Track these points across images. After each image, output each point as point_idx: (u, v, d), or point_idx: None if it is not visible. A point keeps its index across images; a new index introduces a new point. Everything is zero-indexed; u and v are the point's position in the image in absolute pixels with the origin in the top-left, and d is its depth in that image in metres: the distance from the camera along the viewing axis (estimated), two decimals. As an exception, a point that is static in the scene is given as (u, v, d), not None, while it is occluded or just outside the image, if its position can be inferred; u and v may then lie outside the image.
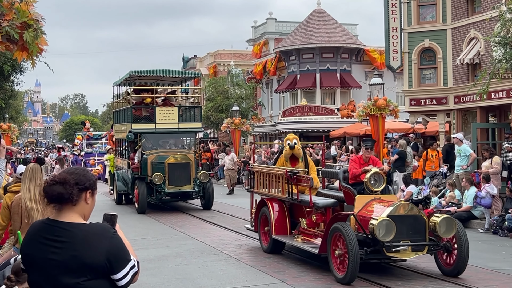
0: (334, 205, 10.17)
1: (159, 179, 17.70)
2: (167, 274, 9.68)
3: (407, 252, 8.88)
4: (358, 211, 9.29)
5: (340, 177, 10.40)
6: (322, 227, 10.05)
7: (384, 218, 8.58)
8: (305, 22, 38.13)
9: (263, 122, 40.59)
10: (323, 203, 10.20)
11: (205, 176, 18.47)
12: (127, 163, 19.95)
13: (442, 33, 20.92)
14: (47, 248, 2.99)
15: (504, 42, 13.66)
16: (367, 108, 19.46)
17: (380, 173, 9.73)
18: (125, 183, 20.17)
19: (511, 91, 18.23)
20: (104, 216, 3.23)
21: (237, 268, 10.11)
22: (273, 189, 11.43)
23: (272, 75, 40.39)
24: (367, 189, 9.61)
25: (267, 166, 11.96)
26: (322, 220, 10.18)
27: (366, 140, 10.87)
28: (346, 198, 10.02)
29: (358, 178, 9.99)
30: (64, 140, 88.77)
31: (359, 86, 35.51)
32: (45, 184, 3.09)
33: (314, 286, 8.78)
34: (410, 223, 8.93)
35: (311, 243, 10.11)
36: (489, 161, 15.35)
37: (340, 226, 8.85)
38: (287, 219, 11.09)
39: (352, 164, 10.25)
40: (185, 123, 19.86)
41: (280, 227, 10.97)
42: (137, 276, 3.17)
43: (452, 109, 20.77)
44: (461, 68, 20.36)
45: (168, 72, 20.39)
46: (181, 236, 13.79)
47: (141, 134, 19.08)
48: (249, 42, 48.41)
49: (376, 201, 9.42)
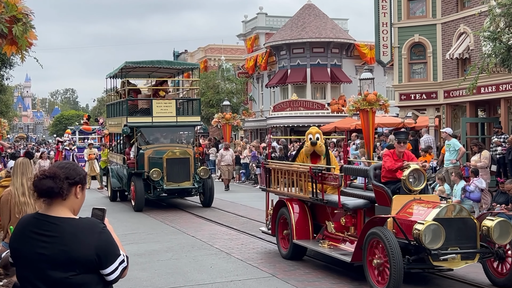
0: (366, 206, 9.05)
1: (157, 175, 16.93)
2: (157, 269, 9.69)
3: (455, 261, 7.75)
4: (396, 213, 8.17)
5: (371, 175, 9.24)
6: (352, 231, 9.09)
7: (431, 222, 7.48)
8: (296, 17, 38.13)
9: (254, 117, 40.60)
10: (353, 204, 9.10)
11: (206, 171, 17.79)
12: (122, 158, 19.20)
13: (432, 28, 21.01)
14: (36, 243, 2.99)
15: (493, 36, 13.70)
16: (358, 102, 19.51)
17: (421, 169, 8.55)
18: (120, 179, 19.51)
19: (500, 86, 18.35)
20: (93, 210, 3.23)
21: (227, 262, 10.13)
22: (293, 188, 10.43)
23: (263, 70, 40.39)
24: (405, 188, 8.44)
25: (286, 163, 10.87)
26: (352, 223, 9.13)
27: (399, 133, 9.66)
28: (378, 198, 8.85)
29: (392, 175, 8.88)
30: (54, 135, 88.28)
31: (350, 81, 35.58)
32: (35, 178, 3.09)
33: (304, 279, 8.81)
34: (459, 228, 7.82)
35: (340, 250, 9.11)
36: (478, 155, 15.45)
37: (379, 231, 7.73)
38: (309, 221, 10.03)
39: (387, 160, 9.02)
40: (183, 116, 19.02)
41: (302, 231, 9.93)
42: (126, 271, 3.17)
43: (442, 104, 20.88)
44: (450, 63, 20.46)
45: (165, 63, 19.67)
46: (171, 230, 13.79)
47: (137, 128, 18.29)
48: (239, 37, 48.36)
49: (416, 201, 8.28)
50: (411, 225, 7.67)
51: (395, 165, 8.81)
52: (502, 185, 14.15)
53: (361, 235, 8.21)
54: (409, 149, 9.59)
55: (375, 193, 8.94)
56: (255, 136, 41.72)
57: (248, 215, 15.80)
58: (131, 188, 17.68)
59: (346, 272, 9.20)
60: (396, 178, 8.78)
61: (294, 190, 10.40)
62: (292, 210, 10.10)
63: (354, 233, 9.02)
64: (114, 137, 21.98)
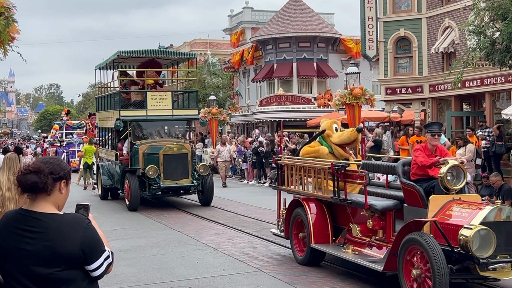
0: (396, 208, 8.09)
1: (154, 172, 15.93)
2: (144, 264, 9.66)
3: (505, 270, 6.86)
4: (433, 216, 7.27)
5: (399, 172, 8.18)
6: (381, 236, 8.13)
7: (481, 227, 6.65)
8: (282, 11, 38.11)
9: (240, 111, 40.58)
10: (382, 205, 8.09)
11: (205, 168, 16.85)
12: (114, 154, 18.15)
13: (417, 22, 21.09)
14: (20, 238, 2.97)
15: (478, 30, 13.77)
16: (344, 97, 19.54)
17: (460, 166, 7.55)
18: (111, 177, 18.61)
19: (485, 80, 18.47)
20: (77, 206, 3.21)
21: (214, 257, 10.12)
22: (310, 186, 9.52)
23: (249, 65, 40.36)
24: (442, 186, 7.44)
25: (301, 159, 9.82)
26: (381, 226, 8.14)
27: (431, 125, 8.60)
28: (407, 197, 7.89)
29: (423, 172, 7.93)
30: (39, 130, 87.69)
31: (336, 75, 35.64)
32: (18, 173, 3.06)
33: (292, 274, 8.82)
34: (508, 233, 6.91)
35: (367, 256, 8.16)
36: (463, 149, 15.55)
37: (420, 237, 6.82)
38: (328, 223, 9.13)
39: (418, 155, 8.00)
40: (179, 110, 18.05)
41: (321, 234, 9.03)
42: (111, 267, 3.16)
43: (427, 98, 20.99)
44: (436, 57, 20.55)
45: (160, 52, 18.54)
46: (158, 226, 13.76)
47: (131, 122, 17.27)
48: (225, 32, 48.27)
49: (456, 202, 7.31)
50: (455, 230, 6.82)
51: (429, 161, 7.84)
52: (486, 179, 14.28)
53: (396, 241, 7.31)
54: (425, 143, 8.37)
55: (404, 192, 8.00)
56: (241, 131, 41.72)
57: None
58: (125, 186, 16.73)
59: (335, 264, 9.23)
60: (427, 176, 7.87)
61: (311, 189, 9.46)
62: (309, 210, 9.16)
63: (383, 238, 8.11)
64: (105, 132, 20.95)
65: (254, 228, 11.52)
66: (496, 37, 13.40)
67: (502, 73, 16.91)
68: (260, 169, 23.99)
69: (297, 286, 8.13)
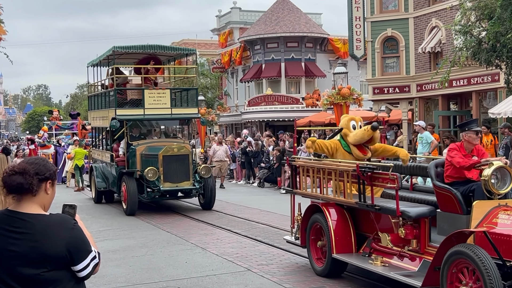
0: (431, 214, 7.24)
1: (153, 175, 15.07)
2: (132, 265, 9.64)
3: None
4: (477, 224, 6.47)
5: (432, 173, 7.29)
6: (414, 245, 7.24)
7: None
8: (270, 12, 38.18)
9: (229, 111, 40.59)
10: (416, 211, 7.20)
11: (207, 170, 16.05)
12: (109, 155, 17.11)
13: (404, 22, 21.22)
14: (6, 239, 2.96)
15: (464, 30, 13.88)
16: (332, 97, 19.62)
17: (506, 168, 6.73)
18: (106, 179, 17.78)
19: (472, 79, 18.60)
20: (63, 207, 3.20)
21: (203, 257, 10.12)
22: (330, 189, 8.68)
23: (238, 65, 40.39)
24: (485, 191, 6.64)
25: (318, 159, 9.14)
26: (414, 235, 7.24)
27: (471, 122, 7.66)
28: (442, 203, 7.06)
29: (460, 174, 7.11)
30: (27, 131, 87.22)
31: (324, 75, 35.76)
32: (4, 174, 3.05)
33: (281, 273, 8.84)
34: None
35: (398, 269, 7.31)
36: (450, 148, 15.62)
37: (469, 251, 5.98)
38: (351, 231, 8.29)
39: (455, 155, 7.13)
40: (178, 108, 17.11)
41: (343, 243, 8.19)
42: (98, 267, 3.16)
43: (415, 97, 21.12)
44: (423, 57, 20.68)
45: (158, 48, 17.41)
46: (146, 226, 13.73)
47: (128, 122, 16.36)
48: (213, 32, 48.26)
49: (502, 209, 6.47)
50: (508, 241, 6.06)
51: (469, 162, 6.99)
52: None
53: (438, 253, 6.50)
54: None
55: (438, 197, 7.17)
56: (230, 131, 41.72)
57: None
58: (122, 189, 15.80)
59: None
60: (463, 178, 7.07)
61: (330, 193, 8.61)
62: (329, 217, 8.34)
63: (417, 248, 7.23)
64: (98, 132, 20.02)
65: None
66: (482, 37, 13.52)
67: (488, 72, 17.04)
68: (249, 169, 24.01)
69: (285, 285, 8.14)
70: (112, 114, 16.50)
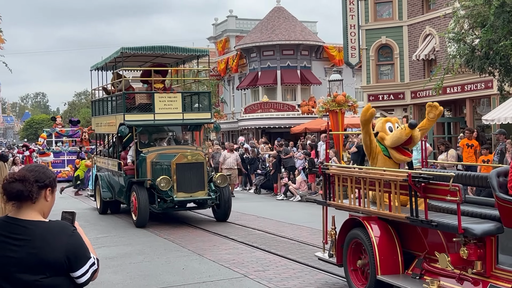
0: (499, 232, 6.17)
1: (166, 184, 14.10)
2: (130, 271, 9.70)
3: None
4: None
5: (494, 184, 6.20)
6: (479, 268, 6.19)
7: None
8: (265, 20, 38.34)
9: (225, 119, 40.69)
10: (482, 228, 6.16)
11: (223, 179, 15.00)
12: (116, 164, 16.14)
13: (399, 29, 21.38)
14: (6, 246, 2.99)
15: (458, 38, 14.03)
16: (327, 104, 19.75)
17: None
18: (112, 189, 16.85)
19: (465, 86, 18.75)
20: (62, 214, 3.23)
21: (200, 263, 10.18)
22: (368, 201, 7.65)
23: (234, 72, 40.53)
24: None
25: (357, 167, 8.47)
26: (478, 256, 6.19)
27: None
28: (506, 218, 6.08)
29: None
30: (25, 139, 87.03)
31: (319, 83, 35.89)
32: (4, 181, 3.08)
33: (278, 280, 8.90)
34: None
35: None
36: (445, 154, 15.75)
37: None
38: (397, 249, 7.24)
39: None
40: (190, 113, 16.07)
41: (389, 262, 7.15)
42: (97, 273, 3.18)
43: (409, 104, 21.26)
44: (417, 64, 20.83)
45: (168, 49, 16.26)
46: (143, 233, 13.77)
47: (137, 128, 15.35)
48: (210, 40, 48.40)
49: None
50: None
51: None
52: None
53: None
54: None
55: (501, 211, 6.16)
56: (226, 138, 41.80)
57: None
58: (132, 199, 14.86)
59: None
60: None
61: (373, 205, 7.54)
62: (372, 232, 7.30)
63: (481, 271, 6.19)
64: (103, 139, 19.20)
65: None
66: (475, 44, 13.66)
67: (482, 80, 17.19)
68: (246, 175, 24.07)
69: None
70: (120, 119, 15.46)
